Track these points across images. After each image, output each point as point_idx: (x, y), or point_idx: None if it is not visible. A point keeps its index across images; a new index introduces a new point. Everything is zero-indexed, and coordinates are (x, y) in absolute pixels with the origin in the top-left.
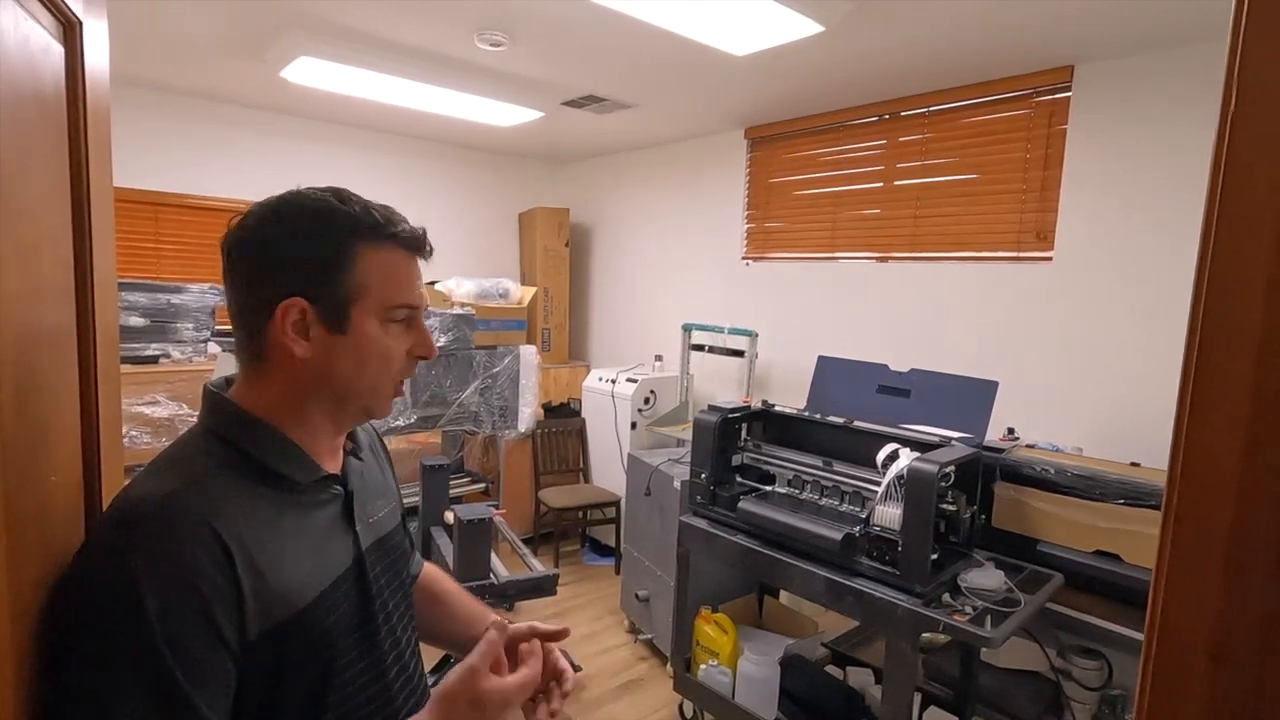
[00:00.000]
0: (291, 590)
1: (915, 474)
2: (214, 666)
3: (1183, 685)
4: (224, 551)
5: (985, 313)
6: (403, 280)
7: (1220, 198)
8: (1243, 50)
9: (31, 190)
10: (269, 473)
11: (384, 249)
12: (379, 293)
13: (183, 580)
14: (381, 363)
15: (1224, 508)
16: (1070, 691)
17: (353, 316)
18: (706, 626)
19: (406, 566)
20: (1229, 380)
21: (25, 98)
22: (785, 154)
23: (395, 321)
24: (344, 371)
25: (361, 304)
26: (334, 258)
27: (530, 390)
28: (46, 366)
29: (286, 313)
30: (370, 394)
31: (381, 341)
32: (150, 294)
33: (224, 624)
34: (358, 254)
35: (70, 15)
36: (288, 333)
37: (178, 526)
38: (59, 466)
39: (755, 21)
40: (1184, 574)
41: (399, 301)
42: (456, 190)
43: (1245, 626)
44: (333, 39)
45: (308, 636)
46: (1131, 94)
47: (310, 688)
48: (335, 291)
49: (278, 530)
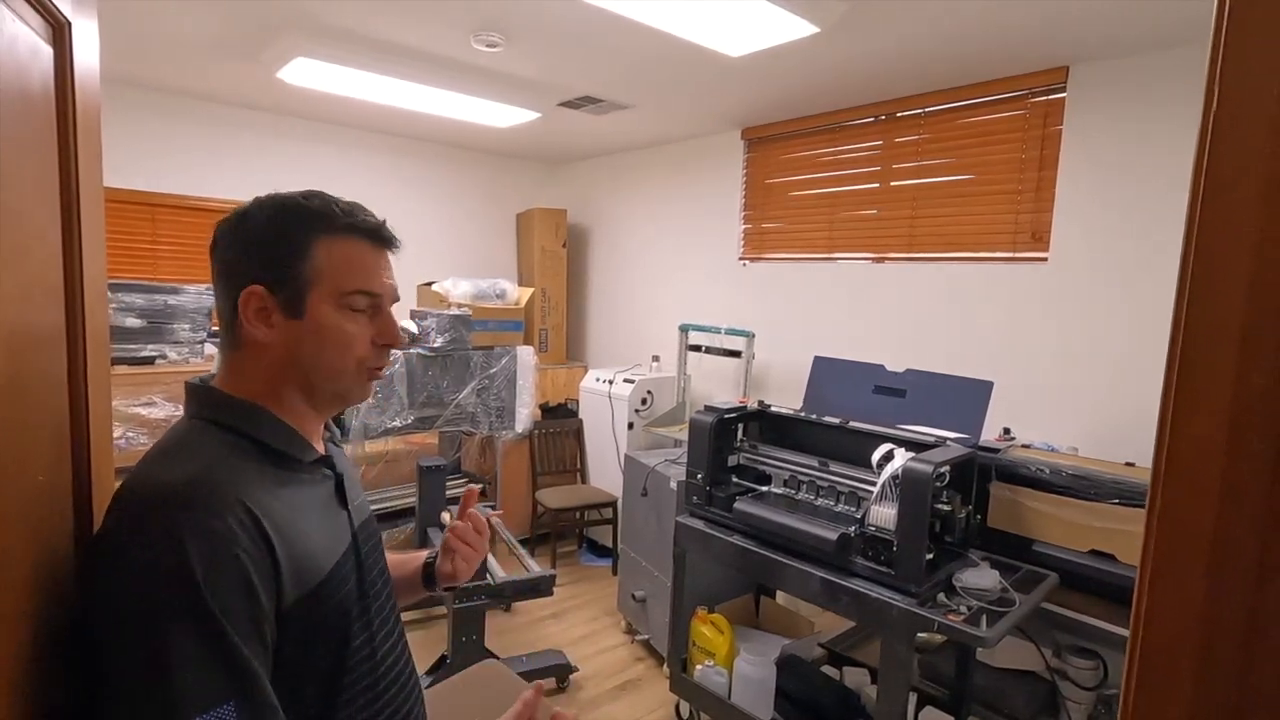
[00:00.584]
0: (313, 561)
1: (910, 474)
2: (258, 632)
3: (1167, 681)
4: (257, 525)
5: (981, 313)
6: (360, 268)
7: (1202, 198)
8: (1224, 52)
9: (20, 191)
10: (273, 453)
11: (342, 239)
12: (334, 279)
13: (227, 552)
14: (340, 347)
15: (1207, 505)
16: (1066, 691)
17: (309, 302)
18: (703, 627)
19: (383, 553)
20: (1211, 379)
21: (13, 99)
22: (782, 155)
23: (354, 309)
24: (306, 356)
25: (317, 290)
26: (290, 247)
27: (527, 391)
28: (35, 367)
29: (248, 300)
30: (336, 377)
31: (339, 326)
32: (147, 295)
33: (263, 593)
34: (314, 243)
35: (59, 16)
36: (251, 319)
37: (215, 503)
38: (47, 467)
39: (750, 22)
40: (1168, 571)
41: (354, 287)
42: (454, 191)
43: (1228, 623)
44: (329, 40)
45: (327, 607)
46: (1126, 95)
47: (329, 661)
48: (292, 278)
49: (293, 506)
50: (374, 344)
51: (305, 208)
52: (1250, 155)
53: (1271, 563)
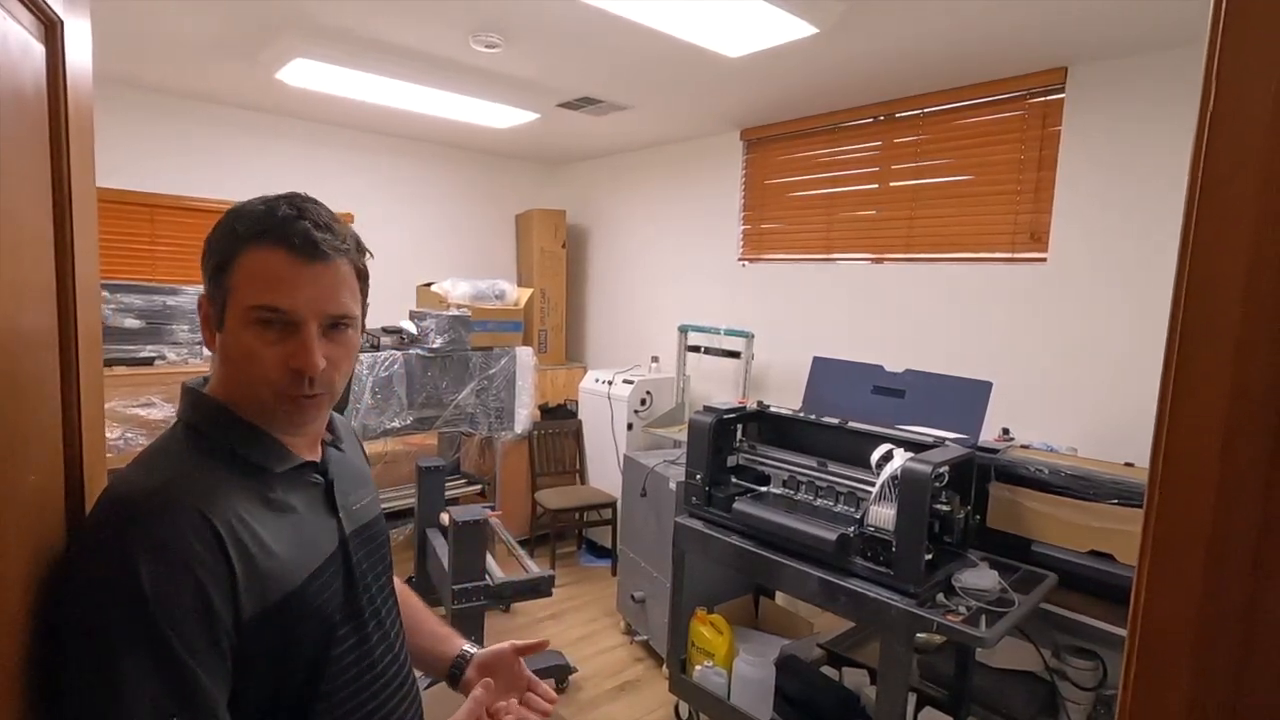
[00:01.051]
0: (281, 574)
1: (909, 474)
2: (213, 646)
3: (1165, 676)
4: (215, 537)
5: (980, 313)
6: (271, 281)
7: (1199, 196)
8: (1220, 49)
9: (11, 190)
10: (245, 462)
11: (264, 250)
12: (242, 292)
13: (179, 566)
14: (246, 364)
15: (1204, 503)
16: (1065, 692)
17: (225, 315)
18: (702, 627)
19: (389, 556)
20: (1208, 376)
21: (4, 97)
22: (781, 155)
23: (260, 324)
24: (228, 369)
25: (232, 302)
26: (220, 256)
27: (526, 392)
28: (26, 366)
29: (201, 309)
30: (252, 397)
31: (242, 342)
32: (145, 296)
33: (220, 607)
34: (240, 255)
35: (51, 14)
36: (204, 327)
37: (172, 515)
38: (38, 467)
39: (749, 23)
40: (1166, 569)
41: (256, 302)
42: (453, 192)
43: (1225, 619)
44: (328, 41)
45: (298, 617)
46: (1125, 95)
47: (305, 672)
48: (220, 289)
49: (261, 517)
50: (287, 367)
51: (247, 215)
52: (1246, 151)
53: (1268, 560)
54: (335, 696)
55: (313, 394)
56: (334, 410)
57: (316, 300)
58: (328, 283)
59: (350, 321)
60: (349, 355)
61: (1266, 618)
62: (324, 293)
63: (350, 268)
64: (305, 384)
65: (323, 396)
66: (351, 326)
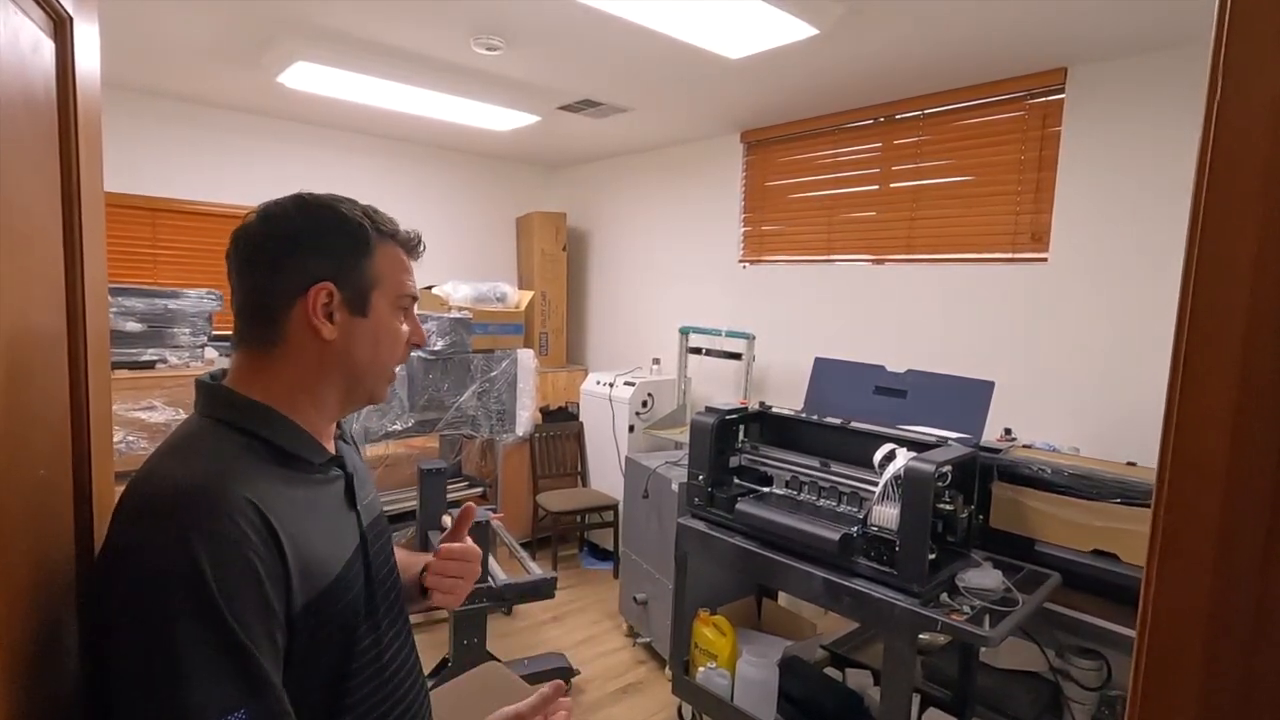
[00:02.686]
0: (322, 564)
1: (912, 473)
2: (269, 636)
3: (1176, 671)
4: (268, 528)
5: (981, 313)
6: (408, 273)
7: (1206, 188)
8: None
9: (20, 186)
10: (285, 455)
11: (391, 245)
12: (392, 281)
13: (238, 554)
14: (393, 345)
15: (1214, 496)
16: (1069, 692)
17: (373, 301)
18: (705, 629)
19: (393, 551)
20: (1216, 370)
21: (14, 93)
22: (781, 157)
23: (402, 309)
24: (362, 352)
25: (379, 290)
26: (357, 247)
27: (528, 394)
28: (35, 361)
29: (317, 295)
30: (379, 375)
31: (394, 325)
32: (147, 299)
33: (274, 596)
34: (375, 248)
35: (61, 11)
36: (317, 314)
37: (226, 505)
38: (48, 461)
39: (749, 25)
40: (1176, 562)
41: (407, 291)
42: (454, 194)
43: (1235, 610)
44: (329, 44)
45: (335, 611)
46: (1125, 95)
47: (336, 661)
48: (359, 278)
49: (301, 507)
50: (410, 343)
51: (360, 210)
52: (1252, 145)
53: (1278, 551)
54: (362, 690)
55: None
56: None
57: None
58: None
59: None
60: None
61: (1277, 607)
62: None
63: None
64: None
65: None
66: None
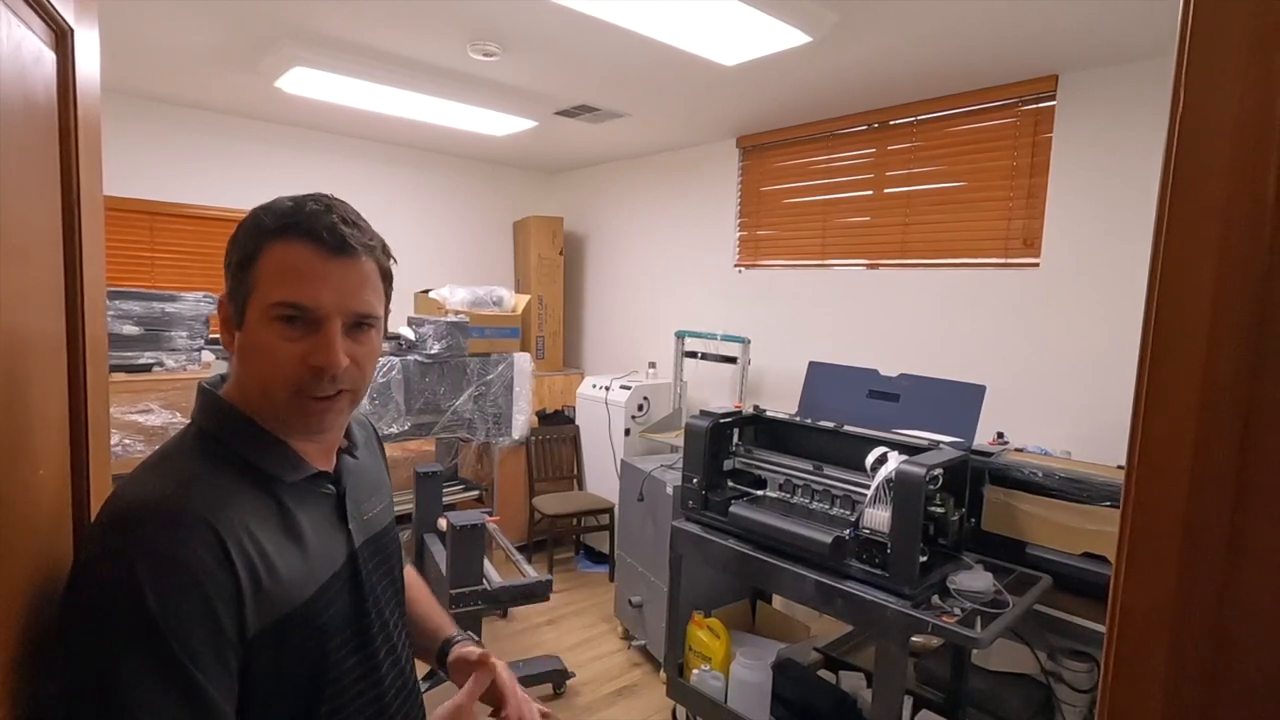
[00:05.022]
0: (288, 588)
1: (904, 477)
2: (219, 659)
3: (1143, 665)
4: (223, 549)
5: (974, 318)
6: (293, 276)
7: (1169, 201)
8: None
9: (22, 194)
10: (256, 471)
11: (287, 244)
12: (264, 288)
13: (186, 578)
14: (265, 362)
15: (1179, 494)
16: (1061, 694)
17: (247, 312)
18: (699, 632)
19: (399, 563)
20: (1181, 372)
21: (15, 104)
22: (776, 162)
23: (283, 320)
24: (246, 369)
25: (253, 299)
26: (243, 253)
27: (524, 397)
28: (35, 364)
29: (220, 309)
30: (267, 397)
31: (262, 339)
32: (144, 303)
33: (226, 620)
34: (263, 251)
35: (62, 23)
36: (220, 327)
37: (178, 526)
38: (47, 461)
39: (744, 32)
40: (1143, 559)
41: (278, 298)
42: (451, 199)
43: (1200, 603)
44: (327, 49)
45: (304, 633)
46: (1115, 102)
47: (307, 684)
48: (240, 287)
49: (271, 529)
50: (307, 365)
51: (274, 209)
52: (1214, 156)
53: (1240, 545)
54: (339, 703)
55: (333, 393)
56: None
57: (341, 296)
58: (354, 279)
59: (374, 322)
60: (372, 357)
61: (1240, 603)
62: (349, 289)
63: (376, 267)
64: (325, 383)
65: (343, 398)
66: (375, 327)
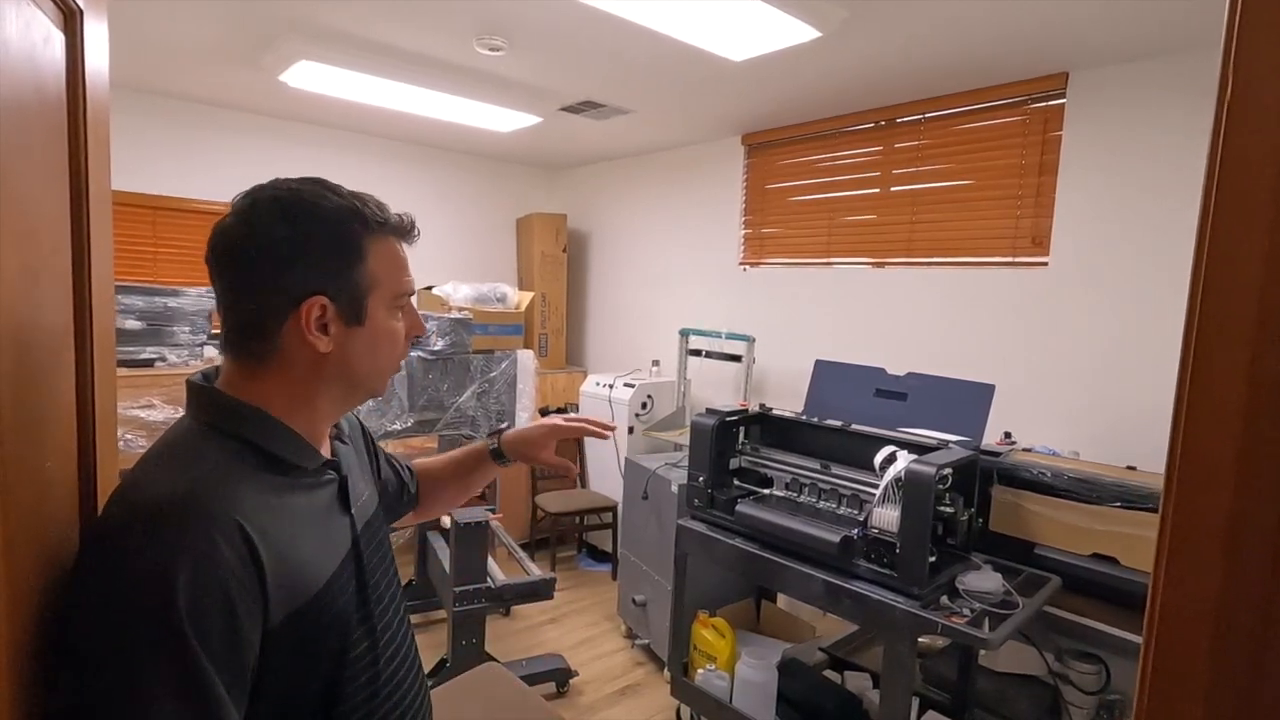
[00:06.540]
0: (307, 575)
1: (913, 476)
2: (237, 655)
3: (1183, 670)
4: (249, 546)
5: (982, 317)
6: (403, 269)
7: (1217, 186)
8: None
9: (31, 179)
10: (276, 461)
11: (385, 239)
12: (388, 283)
13: (213, 577)
14: (391, 347)
15: (1223, 494)
16: (1068, 696)
17: (368, 308)
18: (704, 631)
19: (390, 549)
20: (1225, 371)
21: (25, 83)
22: (782, 160)
23: (399, 307)
24: (360, 361)
25: (375, 295)
26: (349, 254)
27: (527, 395)
28: (43, 353)
29: (310, 310)
30: (379, 377)
31: (391, 328)
32: (147, 297)
33: (245, 617)
34: (367, 246)
35: (72, 3)
36: (311, 330)
37: (206, 523)
38: (55, 453)
39: (752, 27)
40: (1184, 561)
41: (403, 290)
42: (455, 196)
43: (1244, 611)
44: (332, 43)
45: (323, 619)
46: (1126, 100)
47: (327, 670)
48: (353, 286)
49: (290, 517)
50: (410, 337)
51: (350, 208)
52: (1262, 146)
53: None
54: (357, 696)
55: None
56: None
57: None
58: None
59: None
60: None
61: None
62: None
63: None
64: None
65: None
66: None
